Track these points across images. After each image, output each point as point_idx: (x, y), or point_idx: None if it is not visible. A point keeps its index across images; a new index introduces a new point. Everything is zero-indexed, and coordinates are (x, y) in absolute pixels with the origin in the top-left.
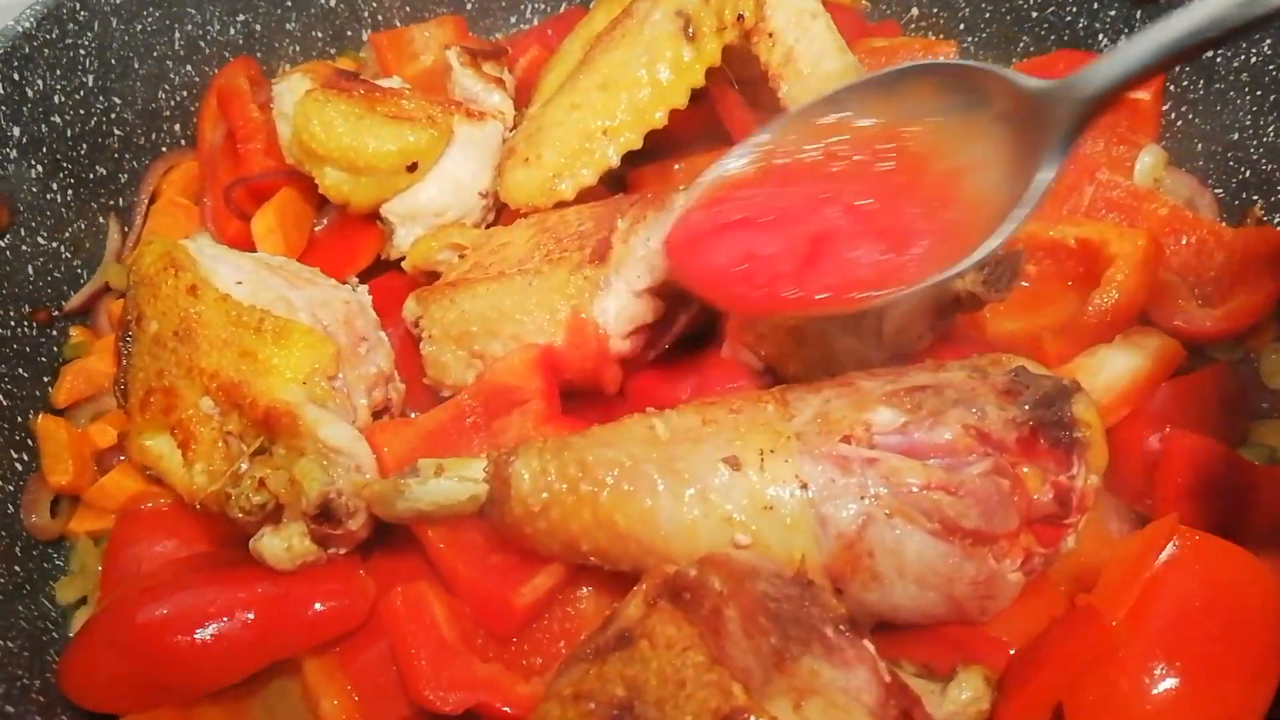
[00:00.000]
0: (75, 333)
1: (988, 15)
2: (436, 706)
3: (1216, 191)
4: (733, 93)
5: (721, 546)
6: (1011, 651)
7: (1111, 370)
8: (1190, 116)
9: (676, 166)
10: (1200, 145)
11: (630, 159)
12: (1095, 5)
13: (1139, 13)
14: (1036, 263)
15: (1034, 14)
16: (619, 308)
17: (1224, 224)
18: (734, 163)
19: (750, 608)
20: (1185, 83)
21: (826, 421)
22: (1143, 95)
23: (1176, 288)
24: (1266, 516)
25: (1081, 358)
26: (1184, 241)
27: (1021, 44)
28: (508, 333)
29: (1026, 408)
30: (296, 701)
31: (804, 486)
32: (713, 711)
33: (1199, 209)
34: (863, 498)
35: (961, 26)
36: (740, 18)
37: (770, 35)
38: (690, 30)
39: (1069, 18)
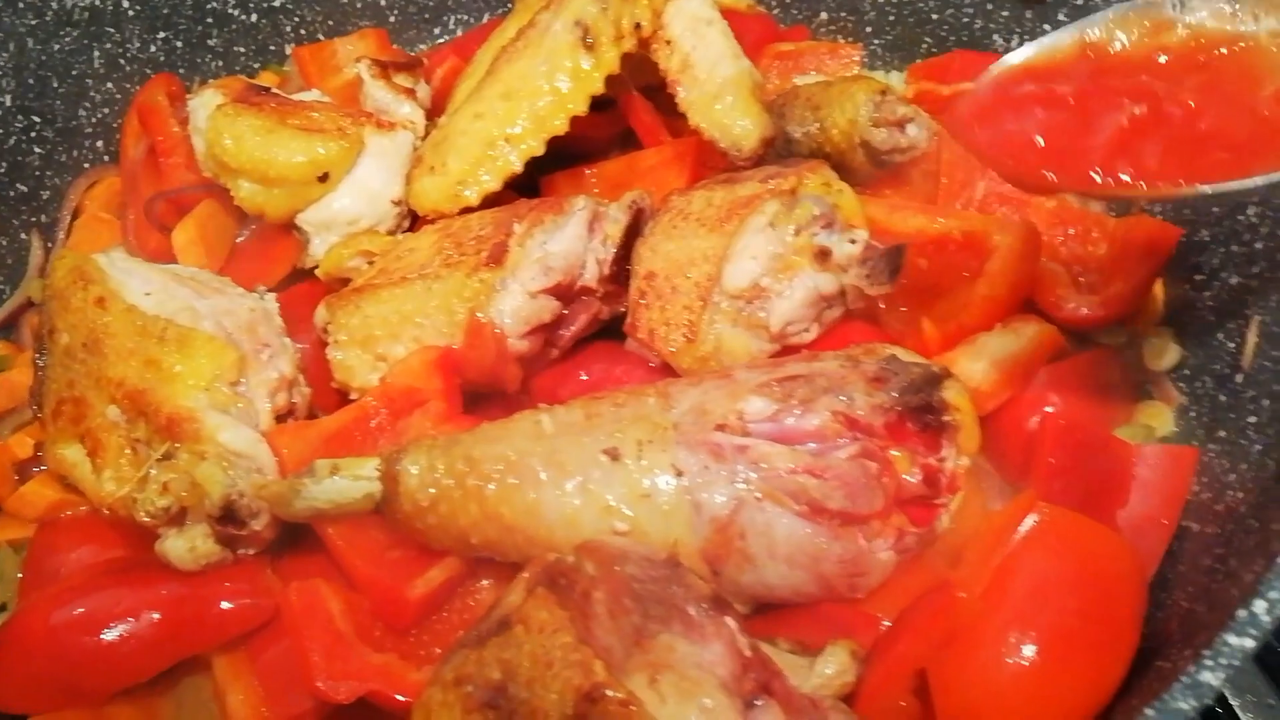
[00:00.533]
0: None
1: (891, 19)
2: (329, 696)
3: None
4: (640, 99)
5: (602, 535)
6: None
7: (989, 355)
8: None
9: (588, 172)
10: None
11: (542, 166)
12: (990, 7)
13: (1028, 13)
14: (928, 257)
15: (934, 16)
16: (515, 308)
17: (1110, 216)
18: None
19: (617, 590)
20: None
21: (703, 412)
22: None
23: (1058, 276)
24: (1138, 494)
25: (962, 345)
26: (1070, 232)
27: (924, 45)
28: (409, 335)
29: (894, 394)
30: (207, 698)
31: (679, 474)
32: (575, 688)
33: (1088, 202)
34: (734, 483)
35: (868, 29)
36: (638, 26)
37: (668, 43)
38: (589, 40)
39: (965, 19)
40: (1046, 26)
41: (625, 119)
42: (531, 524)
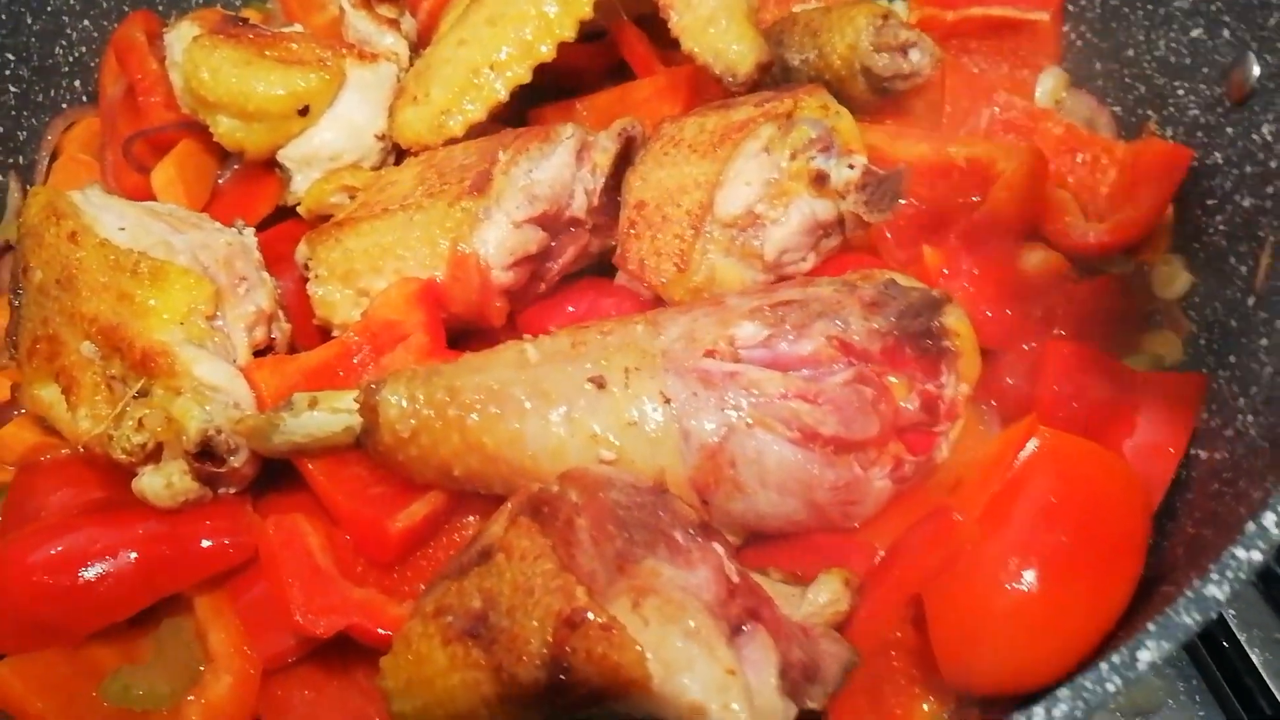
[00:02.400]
0: None
1: None
2: (308, 630)
3: (1115, 109)
4: (632, 28)
5: (589, 463)
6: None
7: None
8: (1088, 35)
9: (579, 105)
10: (1098, 64)
11: (531, 98)
12: None
13: None
14: (930, 184)
15: None
16: (499, 239)
17: (1121, 141)
18: None
19: (600, 516)
20: (1083, 2)
21: (692, 339)
22: (1041, 16)
23: (1065, 203)
24: (1144, 422)
25: None
26: (1079, 159)
27: None
28: (390, 268)
29: (892, 318)
30: (189, 638)
31: (667, 402)
32: (556, 614)
33: (1098, 128)
34: (724, 410)
35: None
36: None
37: None
38: None
39: None
40: None
41: (617, 50)
42: (515, 454)
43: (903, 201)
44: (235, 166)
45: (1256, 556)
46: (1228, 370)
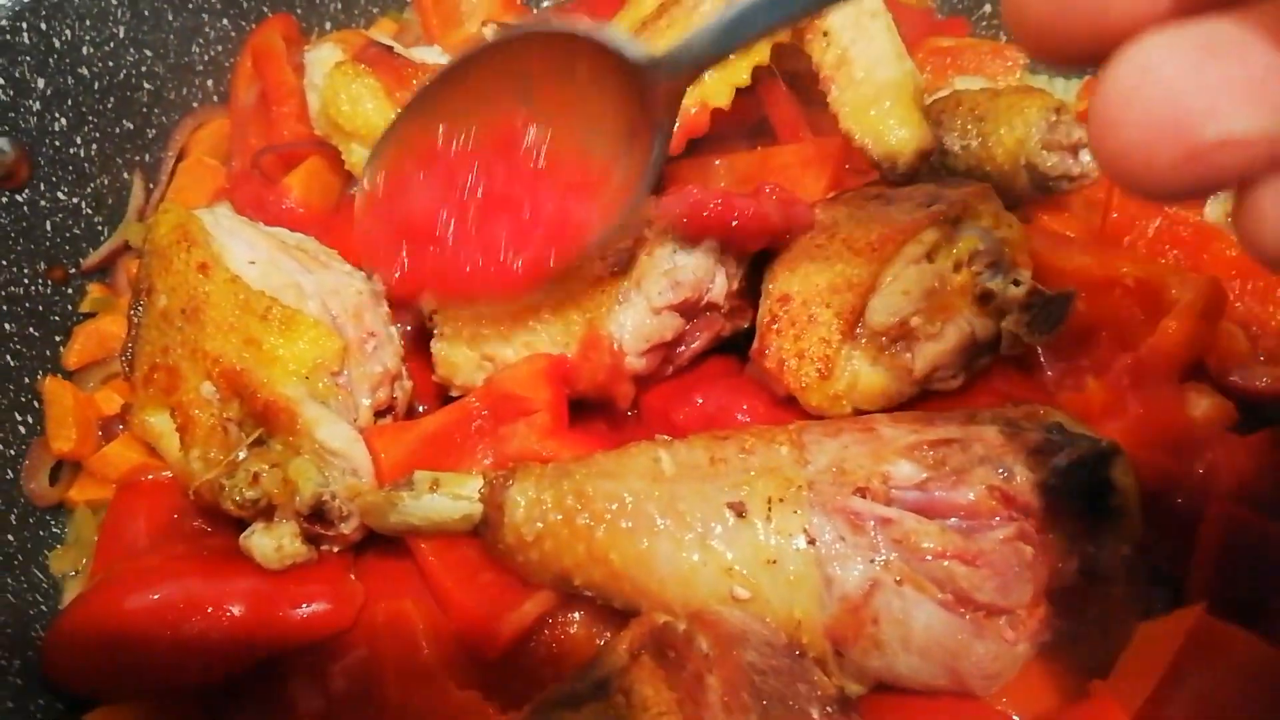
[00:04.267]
0: (93, 289)
1: None
2: None
3: None
4: (783, 88)
5: (719, 597)
6: None
7: None
8: None
9: (717, 162)
10: None
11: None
12: None
13: None
14: (1089, 299)
15: None
16: (636, 324)
17: None
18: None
19: (734, 679)
20: None
21: (842, 472)
22: None
23: (1234, 338)
24: None
25: None
26: (1249, 287)
27: None
28: (520, 340)
29: (1059, 471)
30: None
31: (811, 542)
32: None
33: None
34: (873, 560)
35: None
36: None
37: (825, 34)
38: None
39: None
40: None
41: (762, 107)
42: (642, 575)
43: (1064, 325)
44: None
45: None
46: None
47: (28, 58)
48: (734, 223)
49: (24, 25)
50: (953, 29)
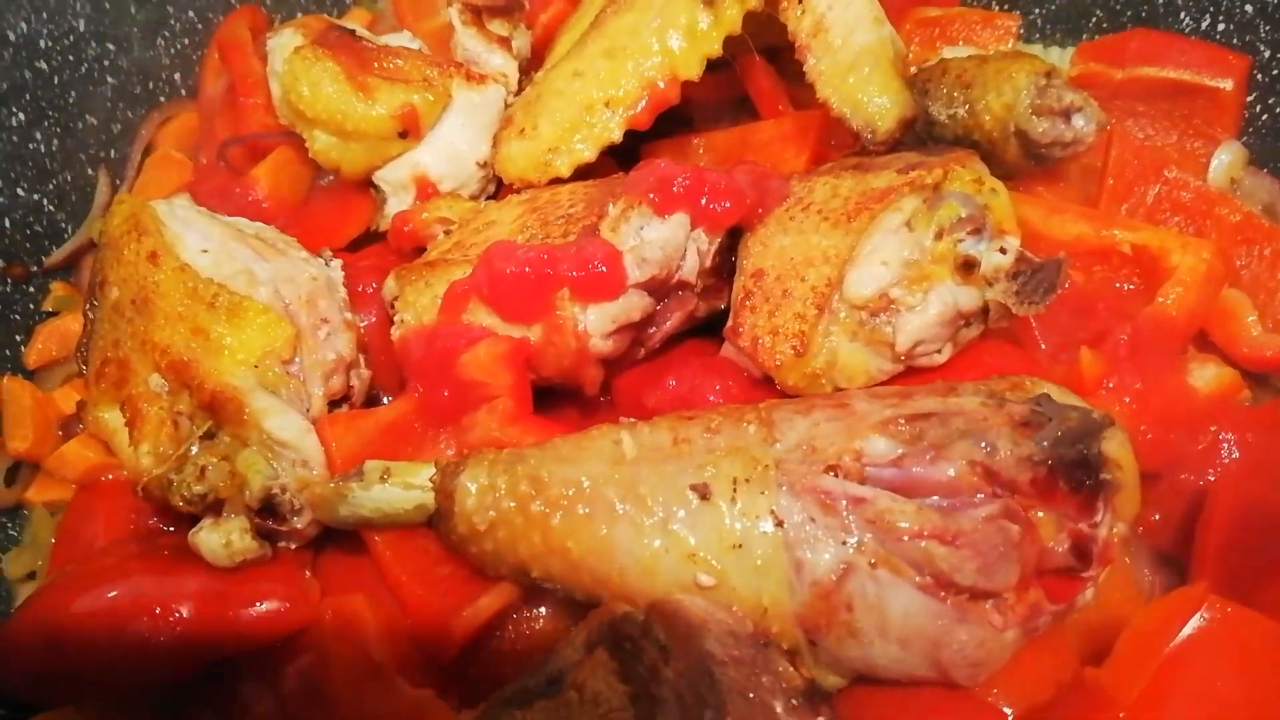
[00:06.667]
0: (56, 287)
1: None
2: None
3: None
4: (761, 62)
5: (683, 585)
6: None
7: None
8: (1278, 110)
9: (696, 141)
10: None
11: (643, 131)
12: None
13: None
14: (1085, 269)
15: None
16: (601, 304)
17: None
18: None
19: (692, 671)
20: (1276, 71)
21: (812, 449)
22: (1224, 83)
23: (1240, 305)
24: None
25: None
26: (1256, 253)
27: (1094, 19)
28: (479, 324)
29: (1045, 444)
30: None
31: (779, 524)
32: None
33: (1277, 216)
34: (845, 543)
35: None
36: None
37: (800, 1)
38: None
39: None
40: (1248, 7)
41: (741, 83)
42: (601, 563)
43: (1055, 295)
44: (330, 179)
45: None
46: None
47: None
48: (704, 197)
49: None
50: (942, 0)
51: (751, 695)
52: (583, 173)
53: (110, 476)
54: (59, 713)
